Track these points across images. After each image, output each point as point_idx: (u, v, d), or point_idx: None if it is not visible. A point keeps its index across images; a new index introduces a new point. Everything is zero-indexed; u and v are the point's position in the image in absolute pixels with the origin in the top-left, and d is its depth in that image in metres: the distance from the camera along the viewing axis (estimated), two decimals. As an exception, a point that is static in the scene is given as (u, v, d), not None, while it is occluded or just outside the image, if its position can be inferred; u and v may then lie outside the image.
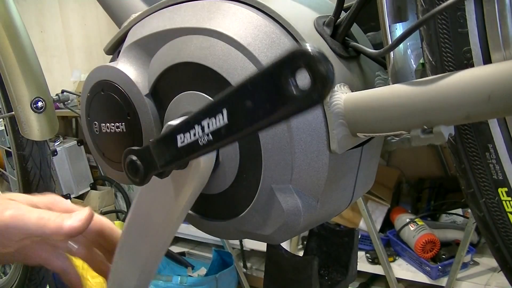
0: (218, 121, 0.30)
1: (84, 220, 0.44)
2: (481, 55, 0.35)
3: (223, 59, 0.42)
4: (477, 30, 0.35)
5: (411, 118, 0.35)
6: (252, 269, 2.25)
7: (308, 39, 0.40)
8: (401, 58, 0.40)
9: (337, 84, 0.40)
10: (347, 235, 0.51)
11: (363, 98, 0.38)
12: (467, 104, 0.32)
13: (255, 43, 0.41)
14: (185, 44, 0.45)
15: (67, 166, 2.36)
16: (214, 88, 0.43)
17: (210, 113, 0.30)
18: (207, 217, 0.50)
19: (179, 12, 0.46)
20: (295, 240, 1.94)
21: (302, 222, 0.43)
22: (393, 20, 0.40)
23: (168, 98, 0.47)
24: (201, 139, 0.32)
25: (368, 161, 0.47)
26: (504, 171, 0.37)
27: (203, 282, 1.95)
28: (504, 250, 0.39)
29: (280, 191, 0.42)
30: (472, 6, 0.35)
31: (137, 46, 0.49)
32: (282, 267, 0.48)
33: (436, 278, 1.64)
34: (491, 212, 0.39)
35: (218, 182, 0.46)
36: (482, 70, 0.32)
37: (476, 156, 0.38)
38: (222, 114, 0.29)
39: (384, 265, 1.74)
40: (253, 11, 0.42)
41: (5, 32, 0.77)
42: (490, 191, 0.38)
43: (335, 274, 0.51)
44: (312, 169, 0.41)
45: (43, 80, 0.81)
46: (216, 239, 2.18)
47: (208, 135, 0.31)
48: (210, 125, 0.31)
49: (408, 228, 1.71)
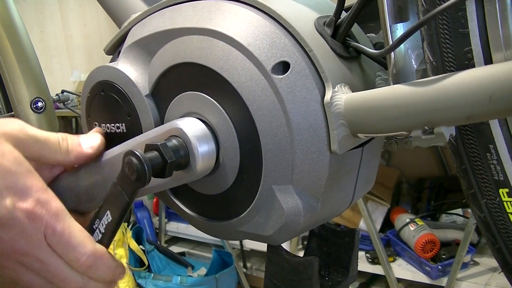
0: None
1: (97, 147, 0.45)
2: (482, 56, 0.35)
3: (223, 60, 0.42)
4: (478, 31, 0.35)
5: (412, 118, 0.35)
6: (252, 269, 2.25)
7: (308, 39, 0.40)
8: (402, 58, 0.40)
9: (338, 85, 0.40)
10: (348, 236, 0.51)
11: (364, 99, 0.38)
12: (468, 104, 0.32)
13: (256, 43, 0.41)
14: (185, 44, 0.45)
15: (67, 166, 2.35)
16: (215, 88, 0.43)
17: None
18: (208, 218, 0.50)
19: (179, 12, 0.46)
20: (295, 241, 1.94)
21: (302, 223, 0.43)
22: (394, 20, 0.40)
23: (168, 98, 0.47)
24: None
25: (368, 161, 0.47)
26: (505, 172, 0.37)
27: (203, 282, 1.95)
28: (505, 251, 0.39)
29: (280, 191, 0.42)
30: (473, 7, 0.34)
31: (137, 46, 0.49)
32: (283, 268, 0.48)
33: (436, 278, 1.64)
34: (492, 213, 0.38)
35: (218, 183, 0.46)
36: (484, 71, 0.32)
37: (477, 156, 0.38)
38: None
39: (384, 265, 1.74)
40: (254, 11, 0.42)
41: (5, 32, 0.77)
42: (491, 192, 0.38)
43: (336, 275, 0.51)
44: (313, 169, 0.41)
45: (43, 80, 0.81)
46: (216, 239, 2.18)
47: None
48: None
49: (408, 228, 1.71)
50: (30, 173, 0.38)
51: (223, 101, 0.43)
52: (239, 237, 0.48)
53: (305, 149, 0.40)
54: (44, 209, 0.37)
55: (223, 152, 0.44)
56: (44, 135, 0.43)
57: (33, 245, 0.37)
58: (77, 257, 0.38)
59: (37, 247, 0.37)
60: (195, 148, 0.42)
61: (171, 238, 2.52)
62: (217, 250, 2.12)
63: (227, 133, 0.43)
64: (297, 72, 0.39)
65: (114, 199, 0.41)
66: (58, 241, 0.38)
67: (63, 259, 0.38)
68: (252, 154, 0.43)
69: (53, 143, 0.43)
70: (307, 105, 0.39)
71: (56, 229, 0.37)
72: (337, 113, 0.39)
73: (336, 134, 0.39)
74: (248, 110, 0.41)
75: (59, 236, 0.38)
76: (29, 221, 0.36)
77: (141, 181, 0.39)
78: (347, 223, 1.87)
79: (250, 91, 0.41)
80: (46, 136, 0.43)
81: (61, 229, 0.38)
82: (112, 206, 0.41)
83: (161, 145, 0.40)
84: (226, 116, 0.43)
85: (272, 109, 0.40)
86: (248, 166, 0.43)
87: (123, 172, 0.40)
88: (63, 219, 0.38)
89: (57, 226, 0.37)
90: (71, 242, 0.38)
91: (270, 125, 0.40)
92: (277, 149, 0.41)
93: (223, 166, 0.45)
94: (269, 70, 0.40)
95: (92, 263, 0.39)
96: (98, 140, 0.48)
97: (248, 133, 0.42)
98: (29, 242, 0.37)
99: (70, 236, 0.38)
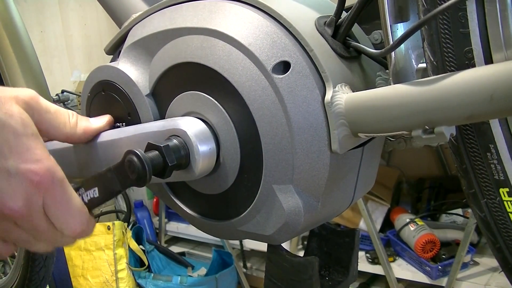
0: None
1: (105, 124, 0.46)
2: (483, 56, 0.35)
3: (224, 59, 0.42)
4: (479, 30, 0.35)
5: (413, 118, 0.35)
6: (252, 269, 2.25)
7: (309, 39, 0.40)
8: (402, 58, 0.40)
9: (338, 84, 0.40)
10: (348, 236, 0.51)
11: (364, 98, 0.38)
12: (469, 104, 0.32)
13: (256, 43, 0.41)
14: (186, 44, 0.45)
15: (67, 166, 2.35)
16: (215, 88, 0.43)
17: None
18: (208, 218, 0.50)
19: (180, 12, 0.46)
20: (295, 241, 1.94)
21: (303, 223, 0.43)
22: (395, 20, 0.40)
23: (169, 98, 0.47)
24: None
25: (369, 161, 0.47)
26: (506, 172, 0.37)
27: (203, 282, 1.95)
28: (505, 251, 0.39)
29: (281, 191, 0.42)
30: (473, 7, 0.34)
31: (137, 46, 0.49)
32: (283, 268, 0.48)
33: (436, 278, 1.64)
34: (492, 212, 0.38)
35: (219, 182, 0.46)
36: (484, 70, 0.32)
37: (477, 156, 0.38)
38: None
39: (384, 265, 1.74)
40: (254, 11, 0.42)
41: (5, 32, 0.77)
42: (491, 192, 0.38)
43: (336, 275, 0.51)
44: (313, 169, 0.41)
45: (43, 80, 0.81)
46: (216, 239, 2.18)
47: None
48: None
49: (408, 228, 1.71)
50: (36, 137, 0.37)
51: (224, 101, 0.43)
52: (240, 236, 0.48)
53: (306, 149, 0.40)
54: (46, 175, 0.37)
55: (223, 152, 0.44)
56: (54, 107, 0.43)
57: (30, 209, 0.37)
58: (72, 227, 0.39)
59: (34, 211, 0.37)
60: (195, 148, 0.42)
61: (171, 238, 2.52)
62: (217, 250, 2.12)
63: (227, 133, 0.43)
64: (298, 72, 0.39)
65: (107, 182, 0.41)
66: (56, 209, 0.38)
67: (54, 226, 0.39)
68: (253, 153, 0.43)
69: (63, 115, 0.44)
70: (307, 105, 0.39)
71: (56, 196, 0.37)
72: (338, 113, 0.39)
73: (336, 134, 0.39)
74: (249, 109, 0.41)
75: (59, 204, 0.38)
76: (30, 186, 0.36)
77: (140, 181, 0.39)
78: (347, 223, 1.87)
79: (250, 90, 0.41)
80: (56, 108, 0.43)
81: (61, 197, 0.38)
82: (103, 186, 0.41)
83: (164, 147, 0.40)
84: (227, 116, 0.43)
85: (272, 109, 0.40)
86: (249, 166, 0.43)
87: (122, 167, 0.40)
88: (65, 187, 0.38)
89: (58, 194, 0.37)
90: (69, 212, 0.38)
91: (271, 125, 0.40)
92: (277, 149, 0.41)
93: (223, 166, 0.45)
94: (270, 69, 0.40)
95: (82, 231, 0.40)
96: (107, 118, 0.50)
97: (248, 132, 0.42)
98: (27, 205, 0.36)
99: (69, 206, 0.38)
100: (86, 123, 0.47)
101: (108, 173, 0.41)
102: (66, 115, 0.44)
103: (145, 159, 0.38)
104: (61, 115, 0.43)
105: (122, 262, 1.90)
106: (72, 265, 1.89)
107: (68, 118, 0.44)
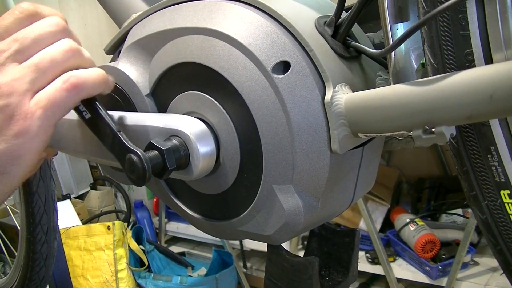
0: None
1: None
2: (483, 57, 0.35)
3: (224, 59, 0.42)
4: (479, 32, 0.35)
5: (413, 118, 0.35)
6: (252, 269, 2.25)
7: (309, 39, 0.40)
8: (402, 58, 0.40)
9: (338, 84, 0.40)
10: (348, 236, 0.51)
11: (364, 98, 0.38)
12: (469, 104, 0.32)
13: (256, 43, 0.41)
14: (186, 44, 0.45)
15: (67, 166, 2.36)
16: (215, 88, 0.43)
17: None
18: (208, 218, 0.50)
19: (179, 12, 0.46)
20: (295, 241, 1.94)
21: (303, 223, 0.43)
22: (394, 20, 0.39)
23: (169, 98, 0.47)
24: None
25: (369, 161, 0.47)
26: (507, 173, 0.37)
27: (203, 282, 1.95)
28: (506, 253, 0.39)
29: (281, 191, 0.42)
30: (473, 8, 0.34)
31: (137, 46, 0.49)
32: (283, 268, 0.48)
33: (436, 278, 1.64)
34: (493, 214, 0.38)
35: (218, 182, 0.46)
36: (484, 70, 0.32)
37: (478, 158, 0.38)
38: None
39: (384, 265, 1.74)
40: (254, 11, 0.42)
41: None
42: (492, 194, 0.38)
43: (336, 275, 0.51)
44: (313, 169, 0.41)
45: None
46: (216, 239, 2.18)
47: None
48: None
49: (408, 228, 1.71)
50: None
51: (224, 101, 0.43)
52: (240, 236, 0.48)
53: (306, 149, 0.40)
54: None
55: (223, 152, 0.44)
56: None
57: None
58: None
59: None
60: (195, 149, 0.42)
61: (171, 238, 2.52)
62: (217, 250, 2.12)
63: (227, 133, 0.43)
64: (298, 72, 0.39)
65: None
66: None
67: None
68: (253, 153, 0.43)
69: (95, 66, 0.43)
70: (307, 105, 0.39)
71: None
72: (338, 113, 0.39)
73: (336, 134, 0.39)
74: (249, 109, 0.41)
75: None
76: None
77: (139, 181, 0.39)
78: (347, 223, 1.87)
79: (250, 90, 0.41)
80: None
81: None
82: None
83: (166, 150, 0.40)
84: (227, 116, 0.43)
85: (272, 109, 0.40)
86: (249, 166, 0.43)
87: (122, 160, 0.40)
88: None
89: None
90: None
91: (271, 125, 0.40)
92: (277, 149, 0.41)
93: (223, 166, 0.45)
94: (270, 69, 0.40)
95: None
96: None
97: (248, 132, 0.42)
98: None
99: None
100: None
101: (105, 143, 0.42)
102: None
103: (145, 159, 0.38)
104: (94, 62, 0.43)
105: (122, 262, 1.90)
106: (72, 265, 1.89)
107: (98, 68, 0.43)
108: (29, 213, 0.90)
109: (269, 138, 0.41)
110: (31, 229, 0.91)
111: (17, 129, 0.36)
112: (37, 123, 0.36)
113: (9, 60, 0.37)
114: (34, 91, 0.37)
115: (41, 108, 0.36)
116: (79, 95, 0.38)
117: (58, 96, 0.37)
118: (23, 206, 0.91)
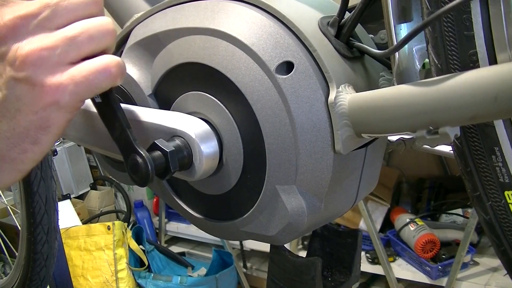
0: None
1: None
2: (487, 58, 0.35)
3: (227, 59, 0.42)
4: (483, 33, 0.35)
5: (416, 118, 0.35)
6: (252, 269, 2.25)
7: (312, 40, 0.40)
8: (406, 58, 0.40)
9: (342, 85, 0.40)
10: (351, 236, 0.51)
11: (368, 99, 0.38)
12: (473, 104, 0.32)
13: (259, 43, 0.40)
14: (188, 44, 0.44)
15: (67, 166, 2.35)
16: (218, 88, 0.43)
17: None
18: (210, 218, 0.50)
19: (182, 12, 0.46)
20: (295, 240, 1.94)
21: (306, 223, 0.42)
22: (398, 20, 0.39)
23: (171, 98, 0.47)
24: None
25: (372, 161, 0.47)
26: (511, 174, 0.37)
27: (203, 282, 1.95)
28: (510, 253, 0.39)
29: (284, 191, 0.42)
30: (478, 9, 0.34)
31: (139, 46, 0.49)
32: (286, 268, 0.48)
33: (436, 278, 1.64)
34: (497, 215, 0.38)
35: (221, 183, 0.46)
36: (489, 71, 0.32)
37: (482, 159, 0.38)
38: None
39: (384, 265, 1.74)
40: (257, 11, 0.42)
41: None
42: (496, 194, 0.38)
43: (338, 275, 0.51)
44: (317, 169, 0.41)
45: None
46: (216, 239, 2.18)
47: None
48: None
49: (408, 228, 1.71)
50: None
51: (227, 101, 0.43)
52: (242, 237, 0.48)
53: (309, 149, 0.40)
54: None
55: (226, 152, 0.44)
56: None
57: None
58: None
59: None
60: (198, 150, 0.42)
61: (171, 238, 2.52)
62: (217, 250, 2.12)
63: (230, 133, 0.43)
64: (301, 72, 0.39)
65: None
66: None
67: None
68: (256, 154, 0.42)
69: None
70: (311, 105, 0.39)
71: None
72: (341, 113, 0.39)
73: (340, 134, 0.39)
74: (252, 110, 0.41)
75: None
76: None
77: (141, 182, 0.39)
78: (347, 223, 1.87)
79: (253, 91, 0.41)
80: None
81: None
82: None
83: (170, 152, 0.40)
84: (230, 116, 0.43)
85: (276, 109, 0.40)
86: (252, 166, 0.43)
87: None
88: None
89: None
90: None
91: (274, 125, 0.40)
92: (281, 149, 0.41)
93: (226, 166, 0.45)
94: (273, 70, 0.40)
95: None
96: None
97: (251, 133, 0.42)
98: None
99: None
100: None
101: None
102: None
103: (149, 161, 0.38)
104: None
105: (122, 262, 1.90)
106: (72, 265, 1.88)
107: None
108: (30, 213, 0.90)
109: (273, 138, 0.41)
110: (32, 229, 0.91)
111: (47, 100, 0.34)
112: (67, 98, 0.34)
113: (39, 28, 0.34)
114: (65, 64, 0.34)
115: (75, 84, 0.34)
116: (113, 83, 0.36)
117: (94, 78, 0.35)
118: (24, 206, 0.91)
